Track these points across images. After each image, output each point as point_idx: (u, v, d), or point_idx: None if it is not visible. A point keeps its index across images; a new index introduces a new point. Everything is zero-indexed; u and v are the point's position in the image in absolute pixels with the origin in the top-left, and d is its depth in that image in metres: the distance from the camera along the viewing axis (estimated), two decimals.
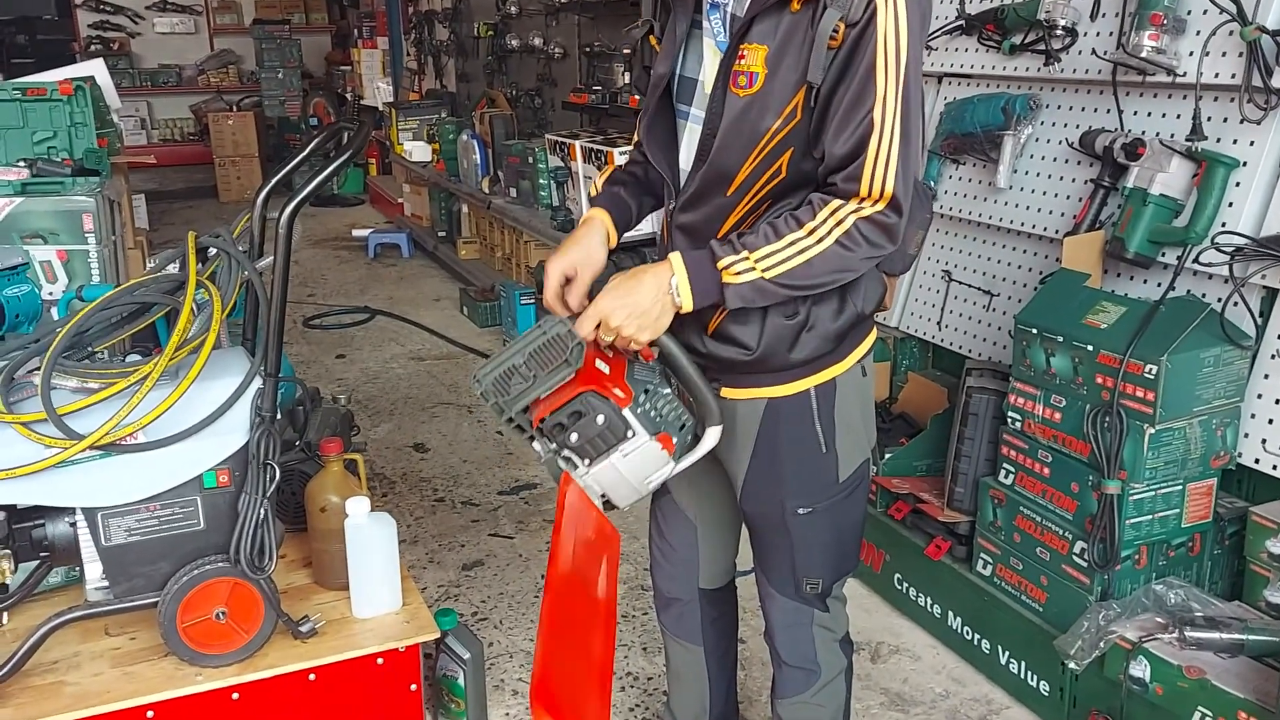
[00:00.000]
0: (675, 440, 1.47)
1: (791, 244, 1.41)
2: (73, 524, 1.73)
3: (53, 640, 1.77)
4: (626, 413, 1.40)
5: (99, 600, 1.76)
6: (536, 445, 1.44)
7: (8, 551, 1.68)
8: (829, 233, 1.41)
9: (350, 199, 9.30)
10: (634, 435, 1.42)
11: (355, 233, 7.71)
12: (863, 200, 1.41)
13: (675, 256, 1.45)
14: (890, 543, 2.75)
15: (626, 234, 1.71)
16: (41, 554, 1.75)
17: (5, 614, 1.88)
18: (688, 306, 1.45)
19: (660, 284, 1.44)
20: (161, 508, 1.74)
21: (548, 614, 1.58)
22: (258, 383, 1.76)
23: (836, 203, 1.42)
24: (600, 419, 1.38)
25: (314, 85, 11.01)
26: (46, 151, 3.54)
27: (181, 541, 1.75)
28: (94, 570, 1.75)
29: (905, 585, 2.71)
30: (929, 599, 2.63)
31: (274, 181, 2.02)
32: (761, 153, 1.44)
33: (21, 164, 3.33)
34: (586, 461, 1.43)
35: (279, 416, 1.80)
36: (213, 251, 1.90)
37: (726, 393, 1.60)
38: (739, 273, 1.42)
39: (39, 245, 3.22)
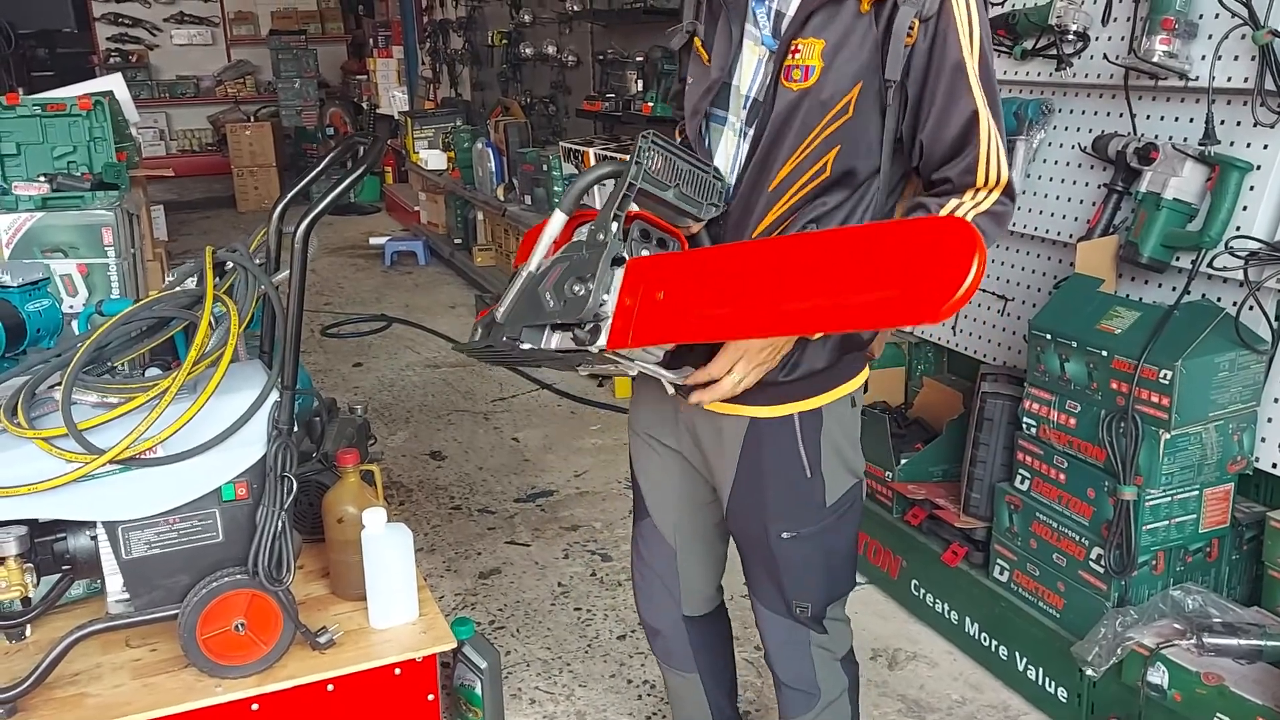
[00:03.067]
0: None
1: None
2: (94, 537, 1.75)
3: (75, 652, 1.79)
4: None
5: (120, 613, 1.77)
6: (614, 225, 1.38)
7: (30, 565, 1.70)
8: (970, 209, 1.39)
9: (367, 207, 9.36)
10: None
11: (372, 241, 7.75)
12: (978, 190, 1.39)
13: None
14: (907, 549, 2.75)
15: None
16: (63, 567, 1.77)
17: (28, 627, 1.90)
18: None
19: None
20: (181, 521, 1.75)
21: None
22: (275, 395, 1.77)
23: (954, 201, 1.39)
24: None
25: (330, 95, 11.09)
26: (66, 166, 3.58)
27: (201, 554, 1.77)
28: (115, 583, 1.76)
29: (922, 591, 2.70)
30: (946, 605, 2.62)
31: (290, 195, 2.04)
32: (808, 149, 1.41)
33: (42, 179, 3.37)
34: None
35: (296, 428, 1.81)
36: (230, 265, 1.92)
37: (713, 405, 1.57)
38: None
39: (59, 259, 3.26)
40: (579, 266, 1.39)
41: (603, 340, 1.36)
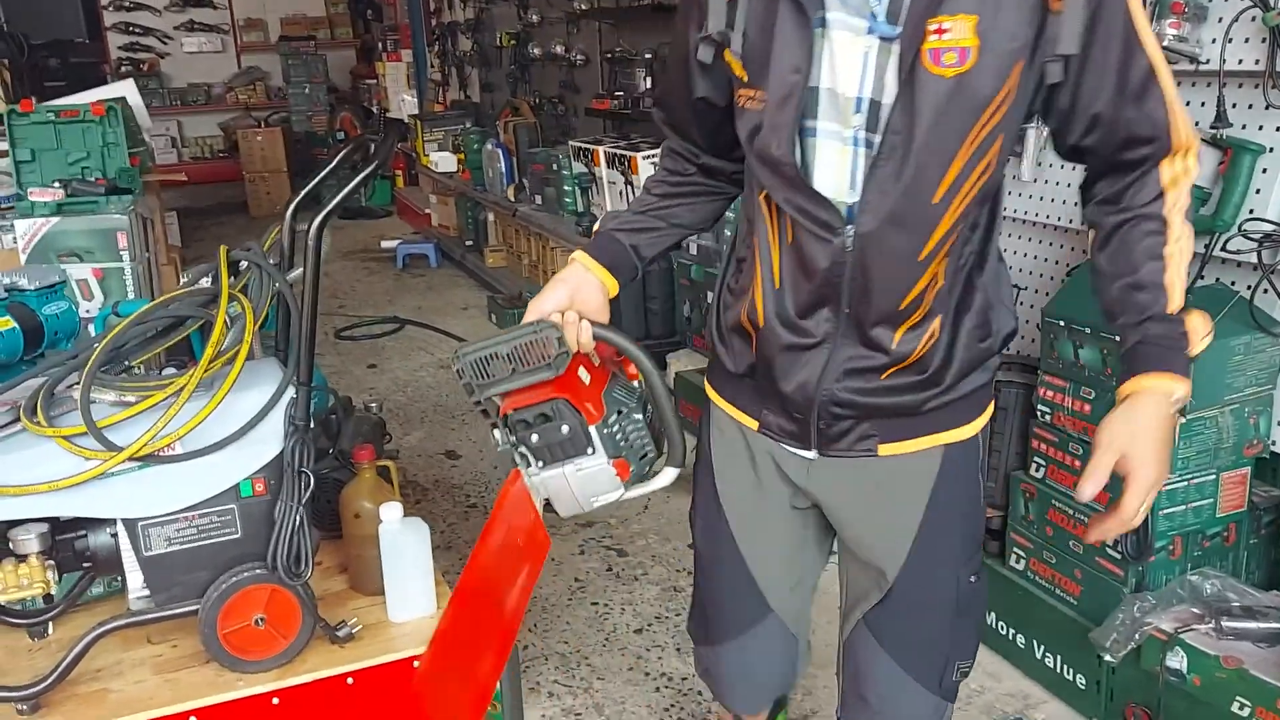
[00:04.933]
0: (632, 469, 1.41)
1: (1182, 257, 1.26)
2: (114, 534, 1.76)
3: (96, 649, 1.81)
4: (593, 430, 1.36)
5: (141, 609, 1.79)
6: (497, 434, 1.40)
7: (52, 563, 1.72)
8: (1184, 213, 1.27)
9: (378, 211, 9.39)
10: (593, 453, 1.37)
11: (384, 244, 7.78)
12: (1176, 155, 1.26)
13: (1158, 373, 1.22)
14: None
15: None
16: (84, 565, 1.79)
17: (50, 625, 1.91)
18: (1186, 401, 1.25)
19: (1163, 409, 1.22)
20: (200, 517, 1.76)
21: (453, 609, 1.48)
22: (291, 392, 1.79)
23: (1165, 175, 1.26)
24: (565, 429, 1.35)
25: (340, 99, 11.13)
26: (80, 172, 3.61)
27: (220, 550, 1.78)
28: (135, 579, 1.78)
29: None
30: None
31: (302, 195, 2.05)
32: (976, 141, 1.20)
33: (57, 185, 3.40)
34: (540, 464, 1.39)
35: (313, 425, 1.83)
36: (244, 265, 1.93)
37: (888, 450, 1.38)
38: (1195, 329, 1.25)
39: (75, 264, 3.29)
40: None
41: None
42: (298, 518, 1.77)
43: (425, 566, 1.95)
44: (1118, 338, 1.29)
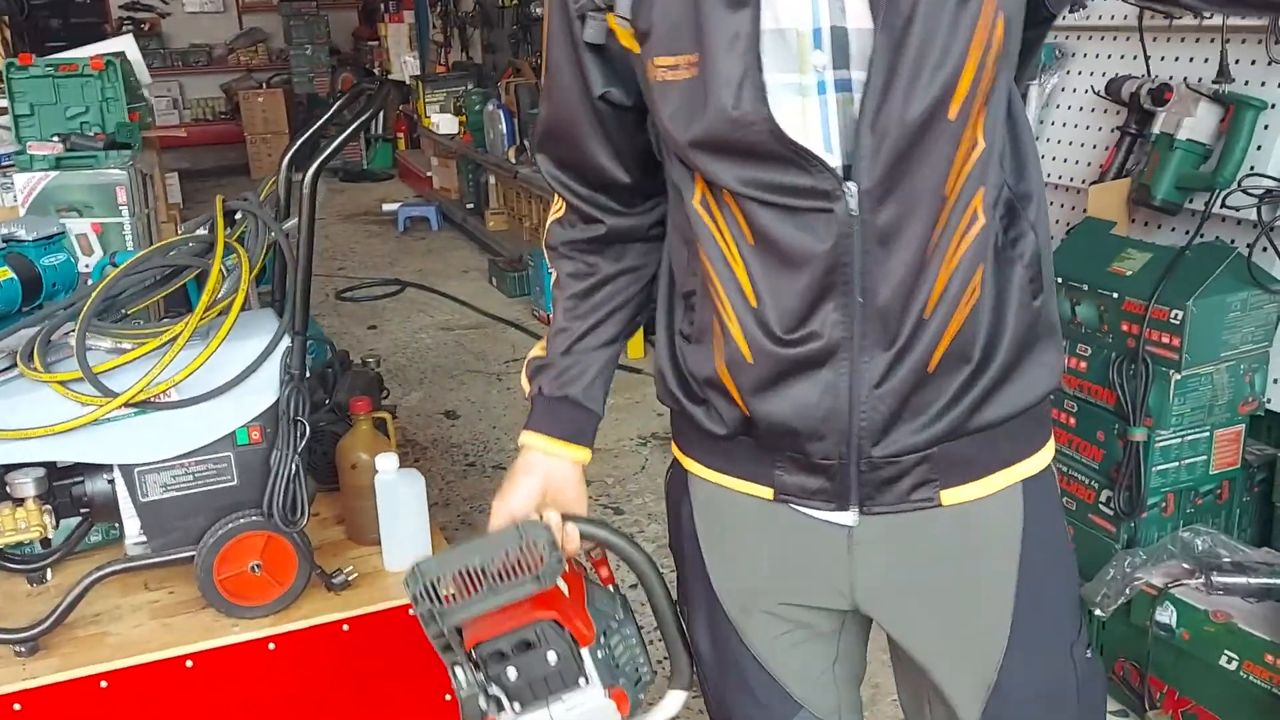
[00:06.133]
0: (630, 699, 1.12)
1: None
2: (110, 481, 1.77)
3: (95, 595, 1.83)
4: (585, 654, 1.08)
5: (138, 555, 1.80)
6: (460, 674, 1.09)
7: (49, 507, 1.73)
8: None
9: (380, 174, 9.36)
10: (587, 685, 1.09)
11: (385, 207, 7.76)
12: None
13: None
14: None
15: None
16: (82, 510, 1.80)
17: (49, 571, 1.93)
18: None
19: None
20: (196, 464, 1.78)
21: None
22: (286, 341, 1.79)
23: None
24: (552, 657, 1.06)
25: (342, 61, 11.05)
26: (79, 126, 3.60)
27: (216, 497, 1.79)
28: (132, 526, 1.79)
29: None
30: None
31: (297, 145, 2.05)
32: (982, 32, 0.90)
33: (55, 139, 3.39)
34: (517, 707, 1.09)
35: (309, 377, 1.83)
36: (240, 215, 1.93)
37: (953, 497, 1.03)
38: None
39: (74, 218, 3.28)
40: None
41: None
42: (293, 466, 1.78)
43: (421, 516, 1.96)
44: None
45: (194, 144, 9.91)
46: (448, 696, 1.90)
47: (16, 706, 1.67)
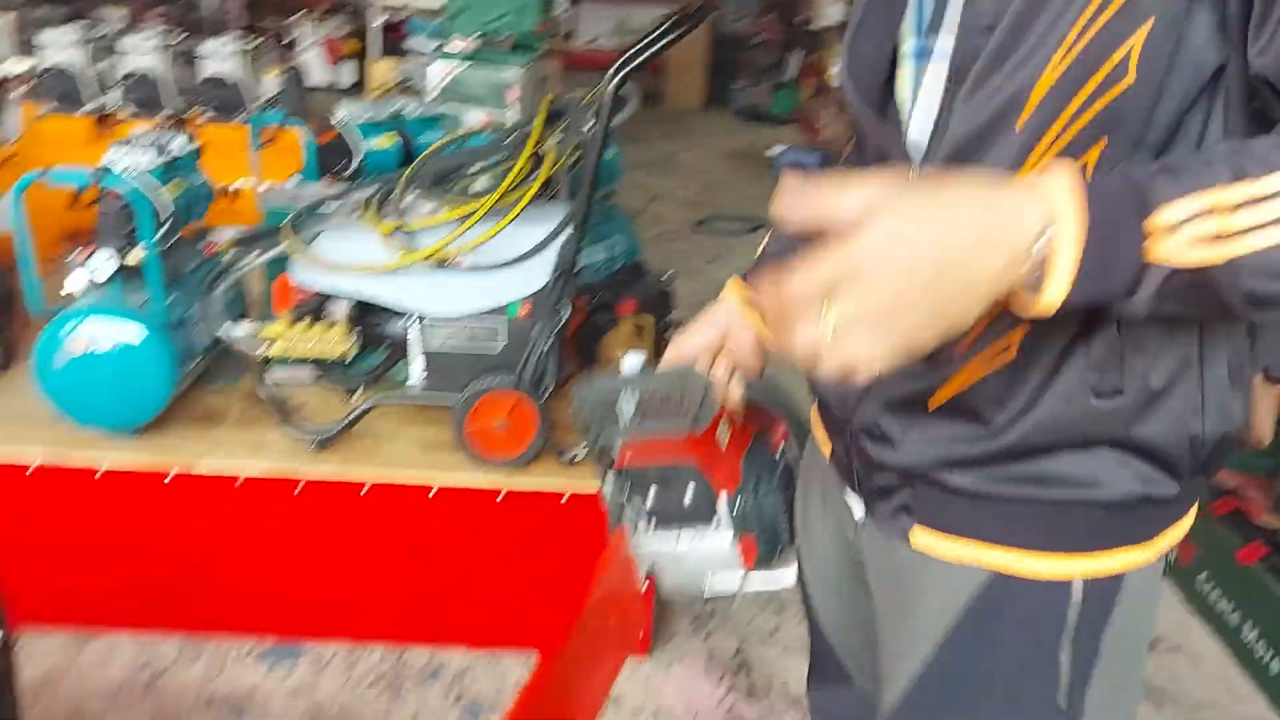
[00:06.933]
0: (759, 552, 1.14)
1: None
2: (407, 326, 2.07)
3: (379, 418, 2.15)
4: (721, 500, 1.11)
5: (414, 393, 2.10)
6: (607, 485, 1.17)
7: (354, 334, 2.04)
8: None
9: (778, 118, 9.52)
10: (716, 528, 1.12)
11: (770, 151, 7.92)
12: None
13: (1060, 177, 0.67)
14: (1204, 538, 2.50)
15: None
16: (383, 345, 2.11)
17: (360, 388, 2.28)
18: (1050, 301, 0.68)
19: (1008, 219, 0.66)
20: (473, 325, 2.03)
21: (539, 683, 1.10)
22: (567, 234, 1.98)
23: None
24: (688, 497, 1.11)
25: (770, 5, 11.28)
26: (495, 28, 4.03)
27: (483, 358, 2.04)
28: (417, 367, 2.08)
29: (1208, 586, 2.46)
30: (1229, 604, 2.38)
31: (631, 61, 2.21)
32: (1080, 41, 0.73)
33: (472, 37, 3.85)
34: (651, 524, 1.15)
35: (581, 268, 2.01)
36: (560, 115, 2.14)
37: (920, 540, 0.92)
38: (1190, 237, 0.66)
39: (470, 109, 3.72)
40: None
41: None
42: (548, 344, 1.98)
43: None
44: None
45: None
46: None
47: (297, 490, 2.03)
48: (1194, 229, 0.66)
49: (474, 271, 1.98)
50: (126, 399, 1.98)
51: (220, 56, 3.76)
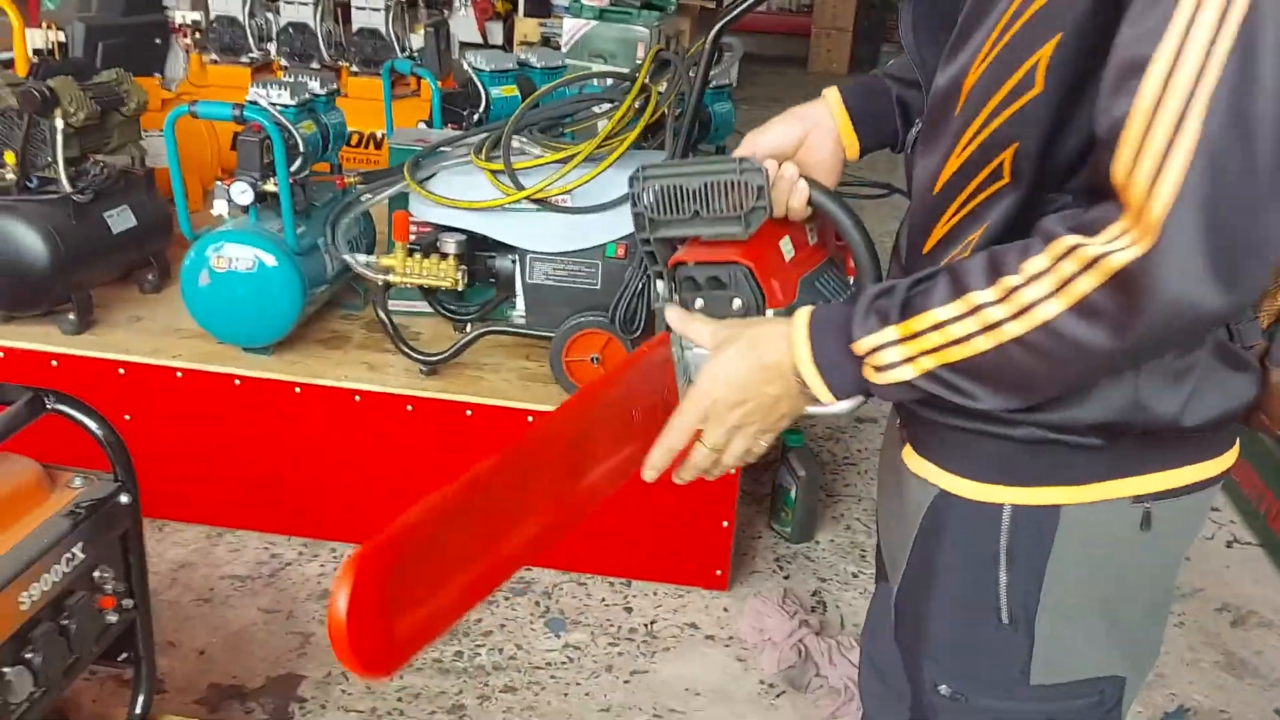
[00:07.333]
0: None
1: (979, 309, 0.79)
2: (513, 261, 2.21)
3: (484, 349, 2.31)
4: (770, 314, 1.06)
5: (517, 325, 2.24)
6: (660, 285, 1.15)
7: (464, 268, 2.18)
8: (1054, 292, 0.75)
9: None
10: None
11: None
12: (1121, 231, 0.72)
13: (800, 316, 0.91)
14: None
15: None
16: (490, 279, 2.26)
17: (469, 324, 2.44)
18: (832, 408, 0.92)
19: (771, 357, 0.91)
20: (572, 263, 2.15)
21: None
22: None
23: (1075, 239, 0.74)
24: (737, 303, 1.05)
25: None
26: None
27: (580, 296, 2.16)
28: (520, 301, 2.22)
29: None
30: None
31: (733, 16, 2.27)
32: (995, 48, 0.81)
33: None
34: None
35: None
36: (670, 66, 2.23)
37: (907, 456, 1.01)
38: (886, 364, 0.85)
39: (599, 63, 3.84)
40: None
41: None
42: (640, 284, 2.08)
43: None
44: None
45: (764, 30, 10.57)
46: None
47: (409, 408, 2.20)
48: (887, 354, 0.85)
49: (573, 212, 2.10)
50: (259, 318, 2.19)
51: (372, 11, 3.98)
